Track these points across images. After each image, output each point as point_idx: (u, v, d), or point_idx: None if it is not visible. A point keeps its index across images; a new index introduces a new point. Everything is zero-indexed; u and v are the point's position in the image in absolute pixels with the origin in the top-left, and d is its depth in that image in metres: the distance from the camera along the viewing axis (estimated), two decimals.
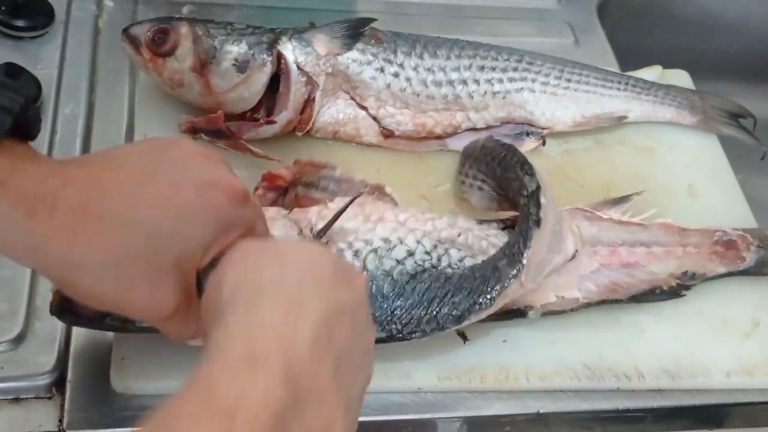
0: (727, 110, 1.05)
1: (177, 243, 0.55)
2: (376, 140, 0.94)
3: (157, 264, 0.55)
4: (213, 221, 0.57)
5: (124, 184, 0.55)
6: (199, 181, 0.57)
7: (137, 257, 0.54)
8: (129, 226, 0.54)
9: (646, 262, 0.84)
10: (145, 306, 0.56)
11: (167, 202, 0.55)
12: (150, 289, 0.55)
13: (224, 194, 0.58)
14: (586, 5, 1.21)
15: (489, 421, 0.78)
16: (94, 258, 0.53)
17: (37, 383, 0.73)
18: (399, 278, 0.74)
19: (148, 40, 0.88)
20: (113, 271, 0.54)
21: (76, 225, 0.52)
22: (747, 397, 0.83)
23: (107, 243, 0.53)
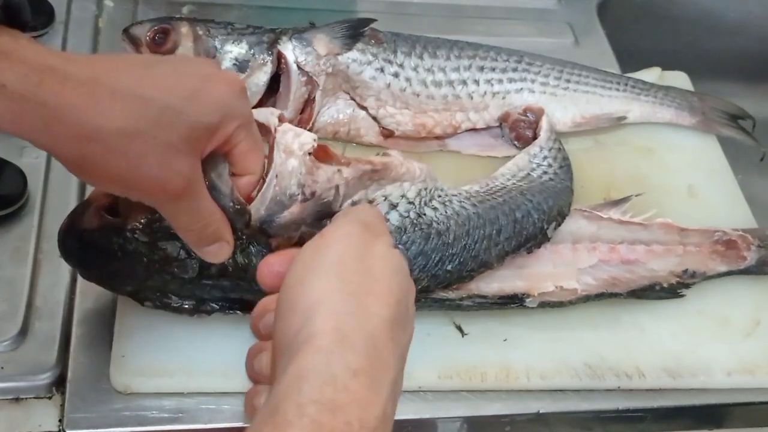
0: (726, 111, 1.05)
1: (186, 119, 0.57)
2: (376, 140, 0.94)
3: (167, 139, 0.56)
4: (218, 105, 0.58)
5: (132, 67, 0.57)
6: (202, 72, 0.59)
7: (149, 130, 0.55)
8: (141, 100, 0.55)
9: (646, 260, 0.84)
10: (155, 183, 0.57)
11: (175, 85, 0.57)
12: (160, 163, 0.56)
13: (226, 84, 0.60)
14: (586, 5, 1.21)
15: (489, 420, 0.78)
16: (108, 128, 0.53)
17: (37, 383, 0.73)
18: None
19: (149, 40, 0.88)
20: (126, 143, 0.54)
21: (89, 97, 0.53)
22: (748, 396, 0.83)
23: (121, 114, 0.54)
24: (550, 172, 0.89)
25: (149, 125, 0.55)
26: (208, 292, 0.72)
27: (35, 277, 0.78)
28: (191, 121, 0.57)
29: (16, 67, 0.51)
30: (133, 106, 0.54)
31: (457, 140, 0.97)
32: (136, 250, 0.69)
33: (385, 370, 0.53)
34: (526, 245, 0.81)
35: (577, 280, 0.81)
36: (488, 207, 0.81)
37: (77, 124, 0.53)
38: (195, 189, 0.60)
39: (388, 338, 0.54)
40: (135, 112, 0.54)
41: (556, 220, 0.83)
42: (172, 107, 0.56)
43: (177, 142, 0.56)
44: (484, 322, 0.81)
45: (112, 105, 0.54)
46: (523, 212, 0.81)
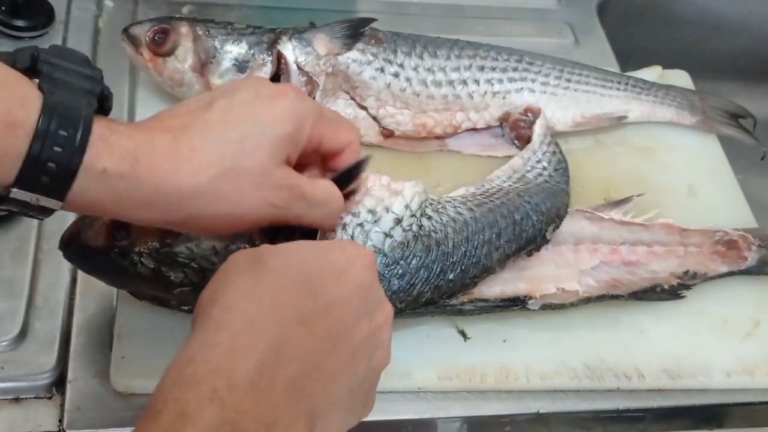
0: (726, 110, 1.05)
1: (265, 140, 0.60)
2: (376, 140, 0.94)
3: (256, 164, 0.59)
4: (286, 114, 0.61)
5: (196, 114, 0.59)
6: (266, 92, 0.61)
7: (237, 166, 0.58)
8: (219, 143, 0.58)
9: (648, 261, 0.84)
10: (260, 205, 0.60)
11: (240, 115, 0.60)
12: (258, 186, 0.59)
13: (292, 92, 0.62)
14: (586, 5, 1.21)
15: (489, 421, 0.78)
16: (201, 183, 0.57)
17: (37, 383, 0.73)
18: (390, 254, 0.73)
19: (149, 40, 0.88)
20: (221, 187, 0.58)
21: (176, 161, 0.57)
22: (747, 397, 0.83)
23: (206, 165, 0.57)
24: (545, 175, 0.88)
25: (235, 161, 0.58)
26: None
27: (35, 277, 0.78)
28: (270, 138, 0.60)
29: (114, 151, 0.55)
30: (214, 151, 0.58)
31: (458, 140, 0.97)
32: (139, 273, 0.69)
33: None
34: (527, 248, 0.81)
35: (578, 281, 0.81)
36: (486, 210, 0.80)
37: (175, 191, 0.57)
38: (301, 190, 0.62)
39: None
40: (217, 156, 0.58)
41: (555, 222, 0.83)
42: (248, 135, 0.59)
43: (266, 162, 0.59)
44: (484, 323, 0.80)
45: (197, 160, 0.57)
46: (522, 214, 0.81)
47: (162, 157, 0.56)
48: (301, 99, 0.63)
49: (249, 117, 0.60)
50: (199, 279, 0.69)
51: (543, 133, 0.93)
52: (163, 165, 0.56)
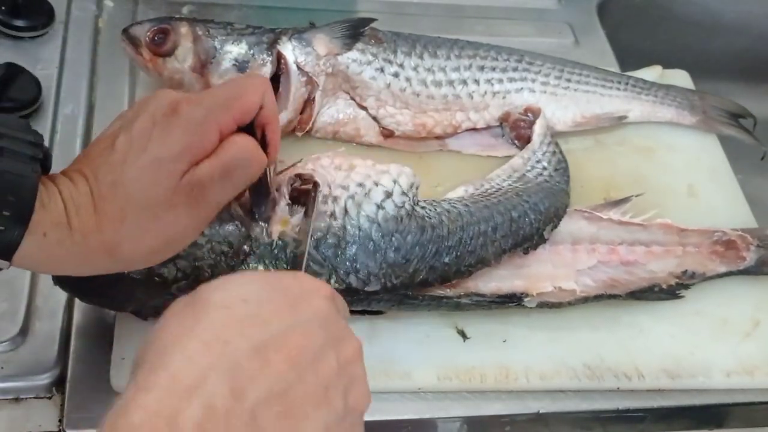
0: (727, 110, 1.05)
1: (163, 167, 0.60)
2: (376, 140, 0.94)
3: (160, 193, 0.60)
4: (183, 132, 0.61)
5: (104, 158, 0.61)
6: (160, 114, 0.61)
7: (142, 199, 0.60)
8: (122, 185, 0.60)
9: (646, 261, 0.84)
10: (185, 220, 0.62)
11: (142, 147, 0.60)
12: (171, 208, 0.61)
13: (184, 104, 0.62)
14: (586, 5, 1.21)
15: (489, 421, 0.78)
16: (119, 227, 0.60)
17: (37, 383, 0.73)
18: (384, 225, 0.74)
19: (148, 40, 0.88)
20: (139, 222, 0.61)
21: (96, 216, 0.60)
22: (747, 397, 0.83)
23: (119, 208, 0.60)
24: (545, 175, 0.89)
25: (140, 197, 0.60)
26: None
27: (35, 277, 0.78)
28: (167, 161, 0.61)
29: (52, 217, 0.59)
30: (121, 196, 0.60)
31: (458, 140, 0.96)
32: (134, 278, 0.69)
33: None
34: (523, 245, 0.81)
35: (575, 281, 0.81)
36: (482, 206, 0.81)
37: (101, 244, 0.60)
38: (202, 180, 0.61)
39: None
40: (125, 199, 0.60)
41: (553, 221, 0.83)
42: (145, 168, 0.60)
43: (167, 184, 0.61)
44: (484, 323, 0.81)
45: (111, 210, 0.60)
46: (520, 212, 0.81)
47: (86, 215, 0.60)
48: (194, 104, 0.62)
49: (145, 149, 0.60)
50: (191, 269, 0.69)
51: (543, 133, 0.93)
52: (88, 224, 0.60)
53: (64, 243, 0.59)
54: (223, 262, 0.70)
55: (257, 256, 0.71)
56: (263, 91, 0.65)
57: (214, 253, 0.70)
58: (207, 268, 0.70)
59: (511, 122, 0.96)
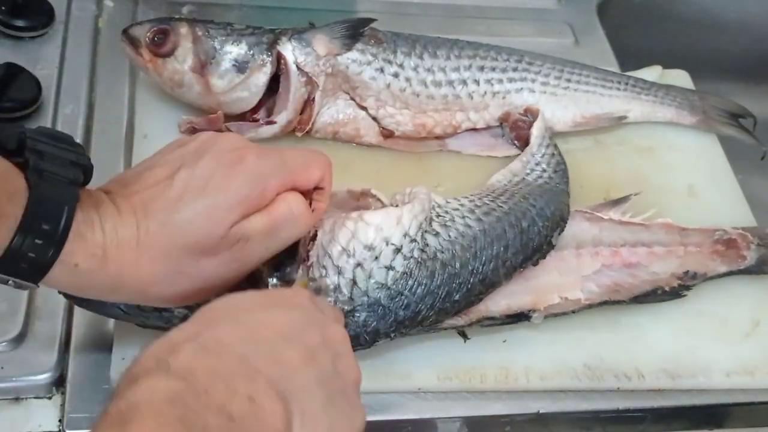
0: (727, 110, 1.05)
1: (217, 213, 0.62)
2: (376, 140, 0.94)
3: (207, 238, 0.61)
4: (247, 180, 0.62)
5: (160, 191, 0.61)
6: (227, 159, 0.63)
7: (189, 243, 0.61)
8: (174, 224, 0.61)
9: (648, 262, 0.84)
10: (222, 271, 0.63)
11: (202, 189, 0.61)
12: (213, 256, 0.62)
13: (251, 155, 0.64)
14: (586, 5, 1.21)
15: (489, 421, 0.78)
16: (158, 268, 0.61)
17: (37, 383, 0.73)
18: (394, 287, 0.71)
19: (148, 40, 0.88)
20: (178, 266, 0.61)
21: (137, 251, 0.60)
22: (747, 397, 0.83)
23: (163, 248, 0.61)
24: (545, 177, 0.88)
25: (187, 239, 0.61)
26: None
27: None
28: (223, 207, 0.62)
29: (87, 249, 0.58)
30: (169, 234, 0.61)
31: (457, 140, 0.96)
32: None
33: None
34: (534, 257, 0.80)
35: (581, 288, 0.81)
36: (494, 220, 0.78)
37: (137, 281, 0.61)
38: (248, 233, 0.63)
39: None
40: (172, 239, 0.61)
41: (560, 225, 0.82)
42: (200, 211, 0.61)
43: (215, 231, 0.62)
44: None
45: (154, 248, 0.60)
46: (529, 221, 0.80)
47: (126, 249, 0.60)
48: (262, 158, 0.64)
49: (205, 190, 0.61)
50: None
51: (541, 136, 0.93)
52: (127, 258, 0.60)
53: (96, 274, 0.59)
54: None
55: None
56: (326, 169, 0.67)
57: None
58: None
59: (511, 122, 0.96)
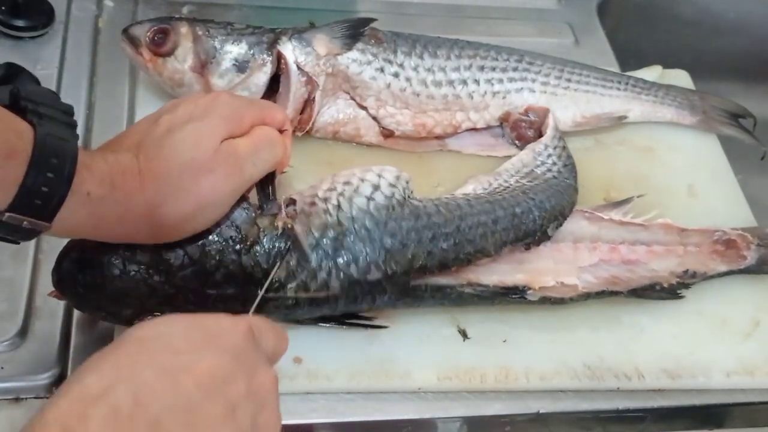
0: (727, 110, 1.05)
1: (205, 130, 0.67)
2: (376, 140, 0.94)
3: (202, 154, 0.66)
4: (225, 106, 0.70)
5: (148, 131, 0.67)
6: (204, 98, 0.71)
7: (186, 160, 0.66)
8: (168, 146, 0.66)
9: (647, 260, 0.84)
10: (221, 185, 0.67)
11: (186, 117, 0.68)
12: (211, 172, 0.66)
13: (225, 93, 0.73)
14: (586, 5, 1.21)
15: (489, 421, 0.78)
16: (162, 187, 0.64)
17: (37, 383, 0.73)
18: (377, 214, 0.75)
19: (148, 40, 0.88)
20: (181, 183, 0.65)
21: (140, 176, 0.64)
22: (747, 397, 0.83)
23: (163, 168, 0.65)
24: (554, 170, 0.89)
25: (183, 157, 0.66)
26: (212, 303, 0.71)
27: (35, 277, 0.78)
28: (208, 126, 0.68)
29: (95, 176, 0.62)
30: (165, 155, 0.65)
31: (458, 140, 0.96)
32: (139, 262, 0.69)
33: None
34: (525, 240, 0.81)
35: (577, 277, 0.81)
36: (483, 202, 0.81)
37: (144, 203, 0.64)
38: (239, 150, 0.69)
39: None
40: (169, 159, 0.65)
41: (558, 219, 0.83)
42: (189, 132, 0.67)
43: (208, 146, 0.67)
44: (484, 322, 0.81)
45: (155, 169, 0.65)
46: (524, 209, 0.81)
47: (130, 176, 0.64)
48: (234, 97, 0.72)
49: (189, 118, 0.67)
50: (199, 254, 0.70)
51: (555, 128, 0.94)
52: (132, 183, 0.64)
53: (106, 201, 0.62)
54: (230, 247, 0.70)
55: (262, 244, 0.71)
56: (286, 117, 0.76)
57: (222, 238, 0.70)
58: (215, 254, 0.70)
59: (512, 122, 0.96)
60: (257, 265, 0.71)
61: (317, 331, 0.76)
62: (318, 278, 0.73)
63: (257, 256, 0.71)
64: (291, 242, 0.72)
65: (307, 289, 0.72)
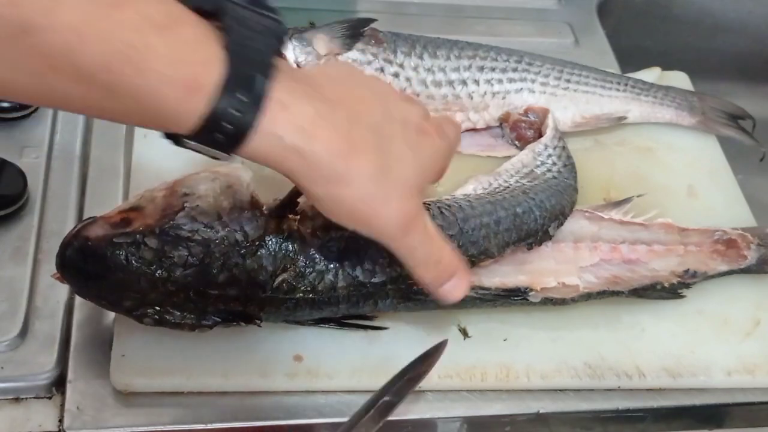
0: (726, 111, 1.05)
1: (416, 163, 0.63)
2: None
3: (405, 182, 0.62)
4: (443, 156, 0.68)
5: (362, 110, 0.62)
6: (427, 126, 0.67)
7: (392, 177, 0.61)
8: (380, 152, 0.60)
9: (648, 259, 0.84)
10: (394, 215, 0.61)
11: (401, 134, 0.63)
12: (400, 201, 0.61)
13: (438, 137, 0.67)
14: (586, 5, 1.21)
15: (489, 420, 0.78)
16: (360, 175, 0.59)
17: (37, 383, 0.73)
18: None
19: None
20: (373, 188, 0.60)
21: (346, 145, 0.58)
22: (747, 396, 0.83)
23: (368, 163, 0.59)
24: (554, 170, 0.89)
25: (390, 171, 0.60)
26: (213, 303, 0.71)
27: (35, 277, 0.78)
28: (420, 165, 0.63)
29: (296, 119, 0.56)
30: (376, 155, 0.60)
31: None
32: (142, 258, 0.68)
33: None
34: (527, 240, 0.81)
35: (579, 277, 0.81)
36: (484, 202, 0.81)
37: (334, 171, 0.58)
38: (425, 221, 0.64)
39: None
40: (378, 161, 0.60)
41: (559, 219, 0.83)
42: (405, 155, 0.62)
43: (412, 184, 0.62)
44: (485, 322, 0.81)
45: (366, 156, 0.59)
46: (525, 209, 0.81)
47: (330, 141, 0.57)
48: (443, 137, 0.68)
49: (407, 139, 0.63)
50: (203, 255, 0.69)
51: (555, 128, 0.94)
52: (330, 148, 0.57)
53: (298, 153, 0.57)
54: (236, 250, 0.70)
55: (267, 247, 0.71)
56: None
57: (228, 240, 0.69)
58: (219, 255, 0.69)
59: (511, 123, 0.96)
60: (262, 268, 0.70)
61: (318, 330, 0.76)
62: (323, 280, 0.72)
63: (262, 259, 0.70)
64: (297, 244, 0.72)
65: (312, 291, 0.72)
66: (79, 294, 0.74)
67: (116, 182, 0.86)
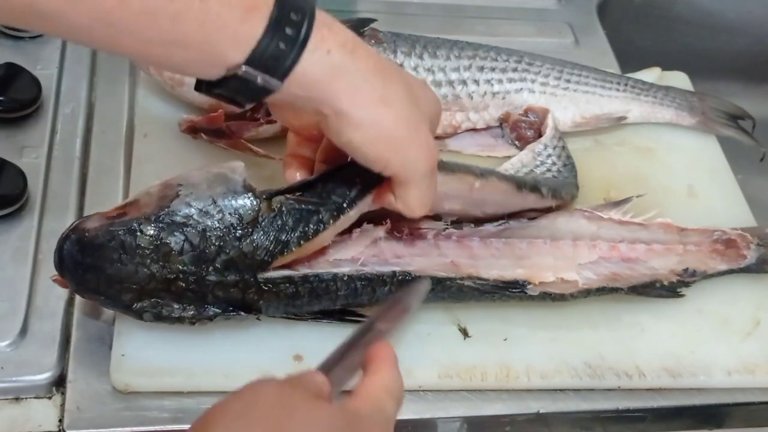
0: (726, 112, 1.05)
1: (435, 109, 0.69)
2: None
3: (426, 117, 0.66)
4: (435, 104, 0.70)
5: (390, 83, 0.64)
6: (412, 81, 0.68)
7: (419, 103, 0.65)
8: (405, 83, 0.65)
9: (647, 258, 0.84)
10: (425, 147, 0.65)
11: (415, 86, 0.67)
12: (428, 135, 0.65)
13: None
14: (586, 5, 1.21)
15: (489, 420, 0.78)
16: (399, 96, 0.63)
17: (37, 383, 0.73)
18: None
19: None
20: (409, 110, 0.64)
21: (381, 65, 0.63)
22: (747, 396, 0.83)
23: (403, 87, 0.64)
24: (554, 170, 0.89)
25: (417, 99, 0.65)
26: (211, 291, 0.71)
27: (35, 277, 0.78)
28: (435, 112, 0.69)
29: (337, 36, 0.60)
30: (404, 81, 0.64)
31: (457, 140, 0.97)
32: (139, 246, 0.68)
33: None
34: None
35: (577, 273, 0.81)
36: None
37: (375, 90, 0.62)
38: (434, 157, 0.67)
39: None
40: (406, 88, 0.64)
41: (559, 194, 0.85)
42: (421, 94, 0.67)
43: (431, 126, 0.67)
44: (485, 321, 0.81)
45: (395, 78, 0.63)
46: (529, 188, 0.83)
47: (374, 61, 0.62)
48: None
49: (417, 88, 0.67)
50: (199, 240, 0.69)
51: (554, 128, 0.94)
52: (374, 68, 0.62)
53: (344, 63, 0.60)
54: (232, 233, 0.70)
55: (263, 229, 0.70)
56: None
57: (224, 224, 0.69)
58: (215, 240, 0.69)
59: (511, 123, 0.96)
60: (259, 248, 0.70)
61: (318, 329, 0.76)
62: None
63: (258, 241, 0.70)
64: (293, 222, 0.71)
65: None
66: (78, 292, 0.74)
67: (116, 182, 0.86)
